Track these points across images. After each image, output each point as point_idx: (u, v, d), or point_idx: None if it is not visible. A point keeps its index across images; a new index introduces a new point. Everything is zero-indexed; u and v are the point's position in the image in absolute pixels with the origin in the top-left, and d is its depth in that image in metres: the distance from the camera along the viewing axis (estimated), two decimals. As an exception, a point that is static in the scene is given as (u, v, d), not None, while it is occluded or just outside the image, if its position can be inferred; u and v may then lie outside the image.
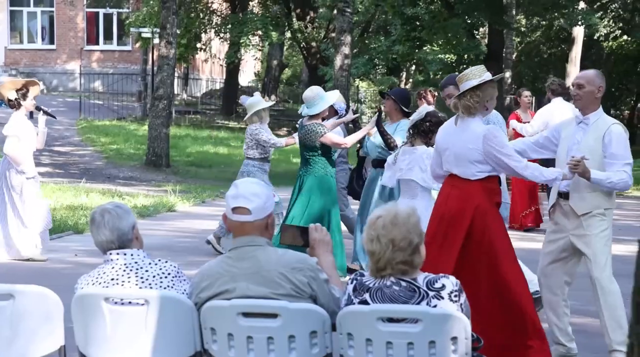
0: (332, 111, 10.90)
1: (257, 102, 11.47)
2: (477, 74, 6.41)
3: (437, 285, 4.15)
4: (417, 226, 4.19)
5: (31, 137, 10.92)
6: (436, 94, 13.14)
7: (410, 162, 8.51)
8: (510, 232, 14.35)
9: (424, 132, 8.46)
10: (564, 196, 6.72)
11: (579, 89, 6.63)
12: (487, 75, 6.42)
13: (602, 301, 6.55)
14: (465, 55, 30.57)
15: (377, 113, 9.94)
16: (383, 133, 9.85)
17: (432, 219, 6.64)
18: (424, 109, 10.10)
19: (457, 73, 8.73)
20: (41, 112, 11.10)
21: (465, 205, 6.36)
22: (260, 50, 46.03)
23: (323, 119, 10.11)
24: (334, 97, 10.37)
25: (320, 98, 9.87)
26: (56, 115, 12.83)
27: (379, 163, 10.12)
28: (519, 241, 13.17)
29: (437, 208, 6.60)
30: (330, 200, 9.85)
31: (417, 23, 30.20)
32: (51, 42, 42.78)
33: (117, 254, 4.50)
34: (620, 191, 6.83)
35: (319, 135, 9.72)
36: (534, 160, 7.04)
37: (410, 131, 8.62)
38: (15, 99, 10.75)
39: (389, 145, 9.83)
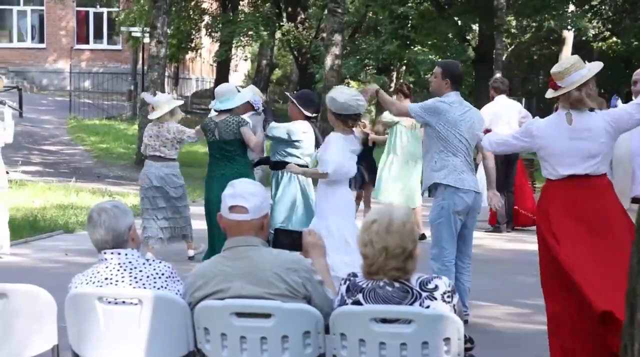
0: (249, 106, 10.14)
1: (167, 101, 11.16)
2: (580, 66, 6.06)
3: (430, 286, 4.16)
4: (412, 233, 4.16)
5: None
6: (412, 86, 13.39)
7: None
8: (501, 234, 14.32)
9: None
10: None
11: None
12: (588, 65, 6.12)
13: None
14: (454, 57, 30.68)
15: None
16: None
17: (565, 232, 6.00)
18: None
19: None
20: (6, 106, 10.98)
21: (605, 204, 6.03)
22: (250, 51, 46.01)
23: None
24: (249, 93, 9.92)
25: (233, 93, 9.54)
26: (22, 112, 12.68)
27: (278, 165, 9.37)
28: (508, 242, 13.18)
29: (572, 215, 5.99)
30: None
31: (407, 21, 30.26)
32: (41, 41, 42.63)
33: (112, 253, 4.49)
34: None
35: (241, 124, 9.32)
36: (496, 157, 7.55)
37: None
38: None
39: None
